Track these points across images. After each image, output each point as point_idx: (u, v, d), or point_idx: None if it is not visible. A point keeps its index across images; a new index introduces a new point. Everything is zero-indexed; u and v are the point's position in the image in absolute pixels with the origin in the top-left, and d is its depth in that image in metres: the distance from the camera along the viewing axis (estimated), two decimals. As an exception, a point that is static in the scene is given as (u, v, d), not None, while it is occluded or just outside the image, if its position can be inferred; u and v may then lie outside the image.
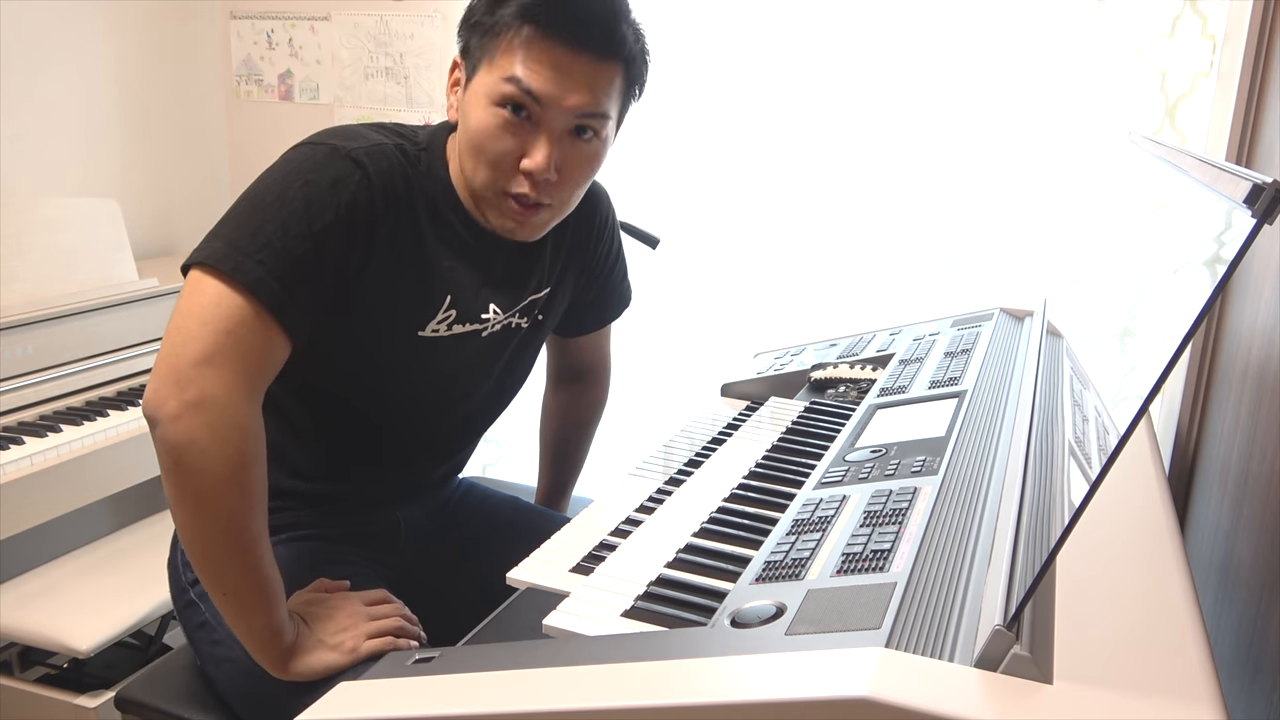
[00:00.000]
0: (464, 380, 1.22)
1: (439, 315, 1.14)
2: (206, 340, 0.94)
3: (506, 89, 1.04)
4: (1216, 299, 0.86)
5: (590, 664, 0.72)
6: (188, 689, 1.20)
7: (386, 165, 1.07)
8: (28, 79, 2.19)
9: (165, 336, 0.96)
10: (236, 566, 0.97)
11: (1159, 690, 0.63)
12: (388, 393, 1.17)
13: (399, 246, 1.08)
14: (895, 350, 1.50)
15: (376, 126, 1.13)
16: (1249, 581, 1.25)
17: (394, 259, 1.08)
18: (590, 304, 1.41)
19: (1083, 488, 0.81)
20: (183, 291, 0.98)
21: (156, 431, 0.94)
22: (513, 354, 1.26)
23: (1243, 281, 1.55)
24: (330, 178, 1.02)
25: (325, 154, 1.04)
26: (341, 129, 1.10)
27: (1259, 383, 1.37)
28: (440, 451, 1.29)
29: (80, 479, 1.75)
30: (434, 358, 1.16)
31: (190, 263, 0.99)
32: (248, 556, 0.97)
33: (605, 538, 1.01)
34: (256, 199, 1.02)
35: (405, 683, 0.77)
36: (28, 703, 1.65)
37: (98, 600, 1.69)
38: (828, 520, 0.90)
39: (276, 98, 2.66)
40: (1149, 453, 1.12)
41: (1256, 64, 1.68)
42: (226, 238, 0.99)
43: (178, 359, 0.94)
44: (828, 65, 2.11)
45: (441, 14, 2.43)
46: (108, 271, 2.06)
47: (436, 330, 1.15)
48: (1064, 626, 0.69)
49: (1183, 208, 1.03)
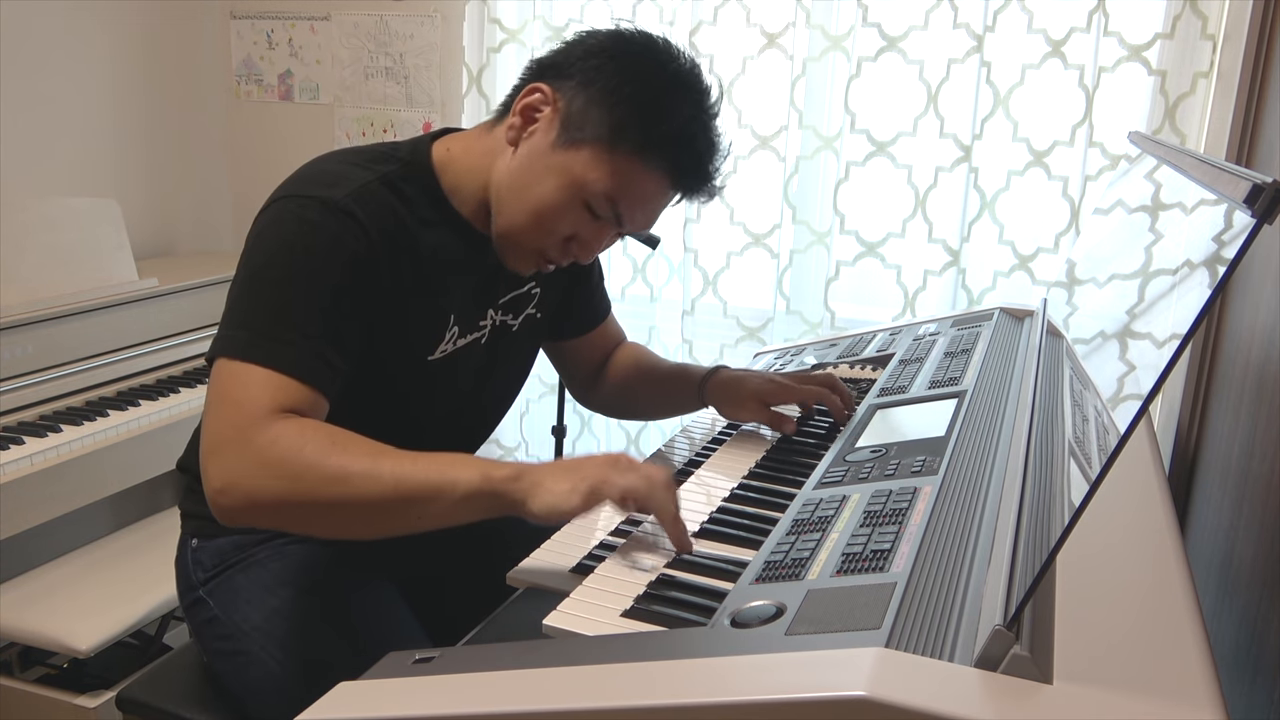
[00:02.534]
0: (469, 391, 1.22)
1: (445, 336, 1.14)
2: (247, 413, 0.94)
3: (599, 203, 1.05)
4: (1216, 299, 0.86)
5: (590, 664, 0.72)
6: (189, 689, 1.20)
7: (376, 206, 1.04)
8: (28, 79, 2.19)
9: (205, 422, 0.96)
10: (384, 506, 0.93)
11: (1159, 690, 0.63)
12: (398, 413, 1.16)
13: (403, 282, 1.08)
14: (895, 350, 1.50)
15: (355, 157, 1.10)
16: (1249, 581, 1.25)
17: (399, 295, 1.08)
18: (593, 292, 1.41)
19: (1083, 488, 0.81)
20: (216, 381, 0.97)
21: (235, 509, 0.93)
22: (512, 355, 1.26)
23: (1243, 281, 1.55)
24: (328, 237, 1.01)
25: (317, 211, 1.01)
26: (320, 172, 1.07)
27: (1259, 383, 1.37)
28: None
29: (80, 479, 1.76)
30: (441, 377, 1.16)
31: (216, 354, 0.98)
32: (378, 489, 0.92)
33: (605, 538, 1.01)
34: (263, 277, 1.01)
35: (405, 683, 0.77)
36: (28, 703, 1.65)
37: (98, 600, 1.69)
38: (828, 520, 0.90)
39: (276, 98, 2.66)
40: (1149, 453, 1.12)
41: (1256, 64, 1.68)
42: (249, 326, 0.98)
43: (233, 430, 0.93)
44: (828, 62, 2.12)
45: (441, 14, 2.44)
46: (108, 271, 2.06)
47: (445, 350, 1.15)
48: (1064, 626, 0.68)
49: (1183, 208, 1.03)
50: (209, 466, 0.93)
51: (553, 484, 0.91)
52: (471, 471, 0.92)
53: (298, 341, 0.97)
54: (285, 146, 2.66)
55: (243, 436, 0.92)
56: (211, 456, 0.94)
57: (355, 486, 0.91)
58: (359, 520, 0.95)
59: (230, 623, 1.13)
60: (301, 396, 0.97)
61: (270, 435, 0.92)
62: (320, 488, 0.92)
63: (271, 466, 0.91)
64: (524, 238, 1.09)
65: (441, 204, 1.12)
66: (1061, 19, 1.93)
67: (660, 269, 2.37)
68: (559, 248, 1.10)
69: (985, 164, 2.03)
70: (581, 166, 1.04)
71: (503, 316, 1.23)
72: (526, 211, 1.07)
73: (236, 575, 1.16)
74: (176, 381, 2.08)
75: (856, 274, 2.19)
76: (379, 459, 0.93)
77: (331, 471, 0.91)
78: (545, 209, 1.06)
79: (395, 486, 0.92)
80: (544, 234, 1.08)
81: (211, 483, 0.93)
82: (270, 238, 1.02)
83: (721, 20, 2.16)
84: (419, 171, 1.11)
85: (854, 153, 2.11)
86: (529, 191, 1.06)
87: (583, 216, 1.06)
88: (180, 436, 1.30)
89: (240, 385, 0.96)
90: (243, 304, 1.00)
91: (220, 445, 0.93)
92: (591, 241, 1.10)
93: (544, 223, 1.07)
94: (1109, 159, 1.96)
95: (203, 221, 2.73)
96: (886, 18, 2.03)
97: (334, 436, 0.94)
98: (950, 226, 2.07)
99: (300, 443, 0.92)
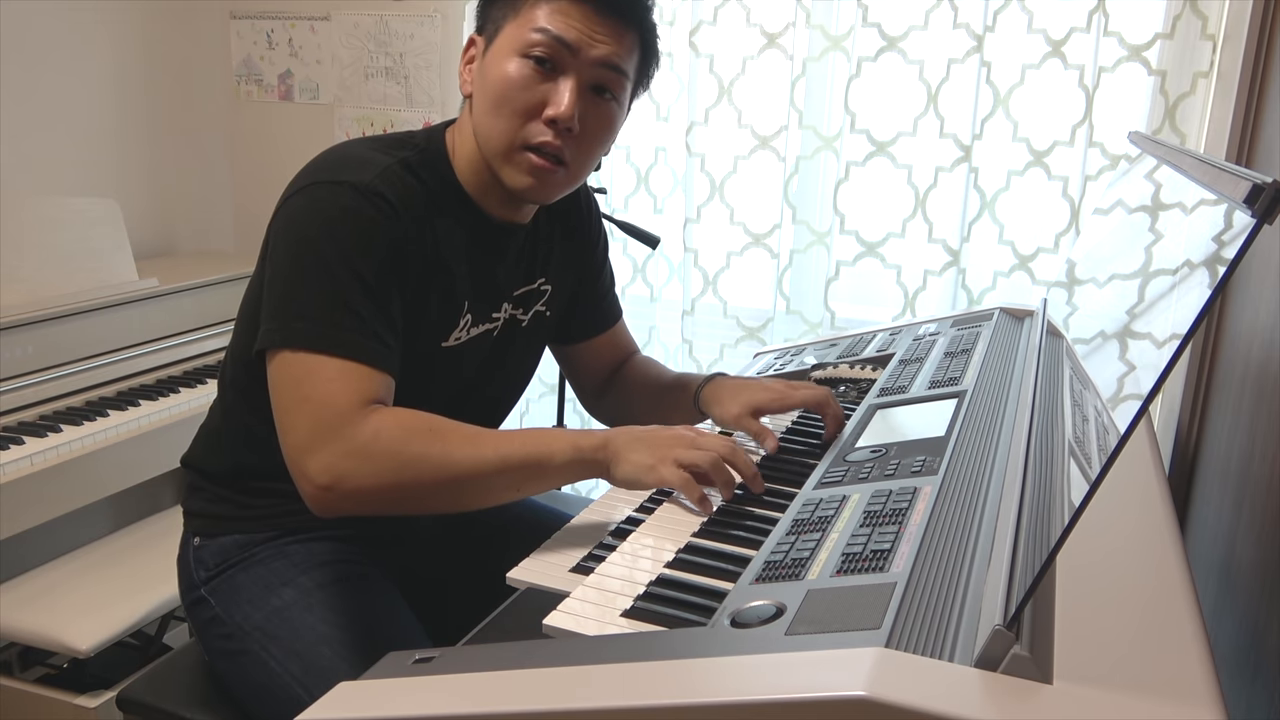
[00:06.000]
0: (478, 382, 1.23)
1: (459, 324, 1.15)
2: (338, 409, 0.97)
3: (534, 38, 1.05)
4: (1216, 299, 0.86)
5: (590, 664, 0.71)
6: (190, 689, 1.20)
7: (401, 187, 1.07)
8: (28, 79, 2.19)
9: (290, 418, 0.98)
10: (486, 483, 1.00)
11: (1159, 690, 0.63)
12: (408, 402, 1.17)
13: (426, 266, 1.10)
14: (895, 350, 1.50)
15: (373, 144, 1.12)
16: (1249, 581, 1.25)
17: (424, 278, 1.10)
18: (603, 297, 1.41)
19: (1083, 488, 0.81)
20: (287, 375, 0.99)
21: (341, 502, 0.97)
22: (520, 350, 1.27)
23: (1243, 281, 1.55)
24: (366, 220, 1.03)
25: (350, 195, 1.03)
26: (345, 157, 1.09)
27: (1259, 383, 1.37)
28: None
29: (80, 479, 1.76)
30: (454, 365, 1.17)
31: (277, 346, 1.00)
32: (482, 469, 0.99)
33: (605, 538, 1.01)
34: (308, 264, 1.02)
35: (405, 683, 0.77)
36: (28, 703, 1.65)
37: (98, 600, 1.69)
38: (828, 520, 0.90)
39: (276, 97, 2.66)
40: (1149, 453, 1.12)
41: (1256, 64, 1.68)
42: (305, 315, 1.00)
43: (328, 428, 0.96)
44: (828, 62, 2.12)
45: (441, 14, 2.44)
46: (108, 271, 2.06)
47: (459, 339, 1.16)
48: (1064, 626, 0.68)
49: (1183, 208, 1.03)
50: (308, 464, 0.96)
51: (633, 455, 1.01)
52: (563, 443, 1.01)
53: (358, 327, 1.00)
54: (285, 146, 2.66)
55: (339, 434, 0.95)
56: (308, 455, 0.96)
57: (461, 468, 0.98)
58: (463, 497, 1.01)
59: (231, 622, 1.14)
60: (379, 382, 1.00)
61: (370, 429, 0.96)
62: (430, 475, 0.97)
63: (378, 460, 0.96)
64: (501, 136, 1.08)
65: (457, 190, 1.14)
66: (1061, 19, 1.92)
67: (660, 269, 2.37)
68: (536, 128, 1.08)
69: (985, 164, 2.03)
70: (507, 43, 1.07)
71: (515, 311, 1.24)
72: (492, 107, 1.08)
73: (238, 574, 1.17)
74: (176, 381, 2.08)
75: (856, 274, 2.19)
76: (480, 442, 1.00)
77: (437, 457, 0.97)
78: (502, 87, 1.07)
79: (500, 465, 0.99)
80: (512, 116, 1.07)
81: (316, 480, 0.96)
82: (308, 224, 1.03)
83: (721, 20, 2.16)
84: (434, 158, 1.13)
85: (854, 153, 2.11)
86: (488, 92, 1.08)
87: (535, 74, 1.06)
88: (180, 436, 1.30)
89: (319, 379, 0.98)
90: (293, 293, 1.01)
91: (317, 443, 0.96)
92: (556, 96, 1.07)
93: (507, 102, 1.07)
94: (1109, 159, 1.96)
95: (203, 221, 2.73)
96: (886, 18, 2.03)
97: (431, 424, 1.00)
98: (950, 226, 2.07)
99: (403, 434, 0.97)
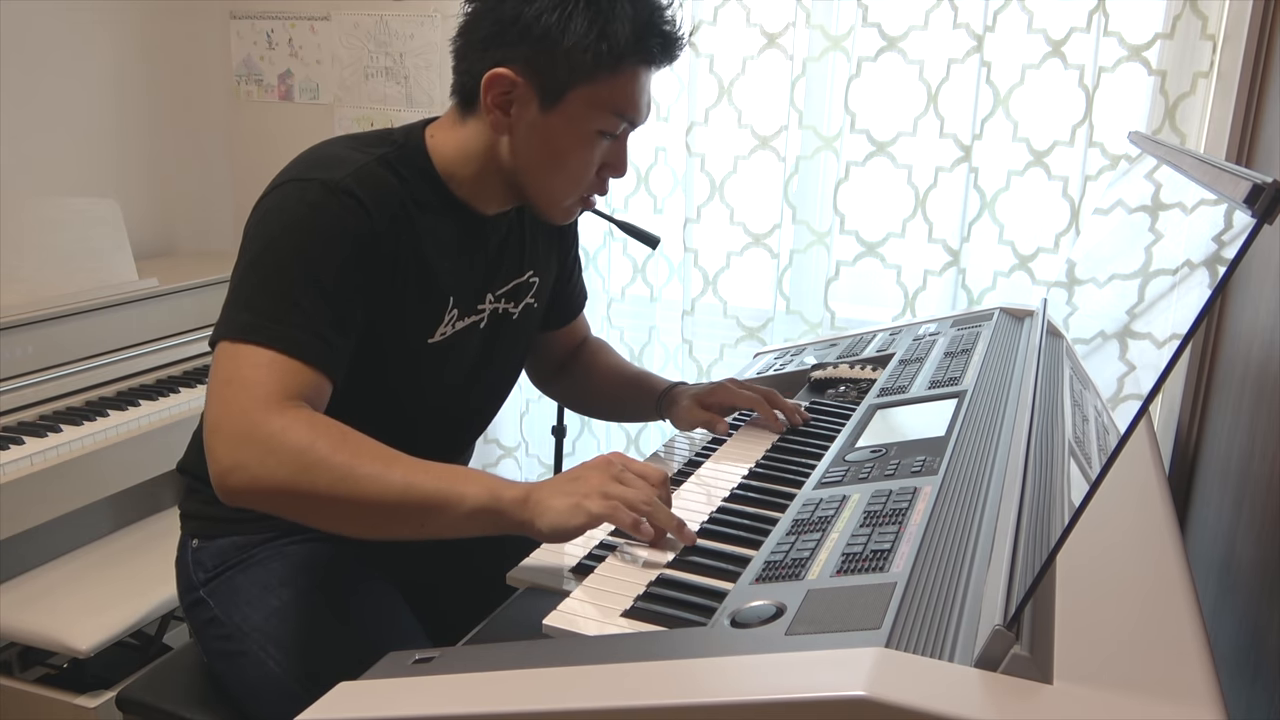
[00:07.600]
0: (467, 377, 1.22)
1: (445, 319, 1.15)
2: (254, 396, 0.94)
3: (609, 124, 1.09)
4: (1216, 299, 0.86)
5: (590, 664, 0.72)
6: (189, 689, 1.20)
7: (375, 186, 1.06)
8: (28, 79, 2.19)
9: (210, 401, 0.96)
10: (388, 510, 0.93)
11: (1159, 690, 0.63)
12: (396, 400, 1.17)
13: (403, 263, 1.09)
14: (895, 350, 1.50)
15: (352, 142, 1.13)
16: (1249, 581, 1.25)
17: (400, 276, 1.09)
18: (575, 283, 1.45)
19: (1083, 488, 0.81)
20: (221, 363, 0.97)
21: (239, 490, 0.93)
22: (507, 343, 1.27)
23: (1243, 281, 1.55)
24: (330, 218, 1.02)
25: (318, 193, 1.02)
26: (321, 155, 1.08)
27: (1259, 383, 1.37)
28: (443, 451, 1.30)
29: (80, 479, 1.76)
30: (440, 360, 1.17)
31: (219, 337, 0.99)
32: (385, 493, 0.92)
33: (605, 538, 1.01)
34: (265, 260, 1.01)
35: (405, 683, 0.77)
36: (28, 703, 1.65)
37: (98, 600, 1.69)
38: (828, 520, 0.90)
39: (276, 97, 2.65)
40: (1149, 453, 1.12)
41: (1256, 64, 1.68)
42: (252, 308, 0.99)
43: (240, 413, 0.93)
44: (827, 62, 2.12)
45: (441, 14, 2.43)
46: (108, 271, 2.06)
47: (444, 334, 1.15)
48: (1064, 626, 0.68)
49: (1183, 208, 1.03)
50: (215, 445, 0.93)
51: (554, 501, 0.92)
52: (480, 488, 0.93)
53: (301, 323, 0.98)
54: (285, 146, 2.63)
55: (251, 420, 0.93)
56: (217, 436, 0.93)
57: (363, 487, 0.92)
58: (362, 520, 0.95)
59: (230, 623, 1.14)
60: (306, 379, 0.98)
61: (279, 423, 0.92)
62: (328, 483, 0.91)
63: (280, 454, 0.91)
64: (566, 195, 1.14)
65: (438, 186, 1.13)
66: (1061, 19, 1.92)
67: (660, 269, 2.37)
68: (595, 182, 1.15)
69: (985, 164, 2.03)
70: (579, 111, 1.07)
71: (505, 305, 1.24)
72: (557, 175, 1.12)
73: (237, 575, 1.16)
74: (176, 381, 2.08)
75: (856, 274, 2.19)
76: (390, 464, 0.93)
77: (341, 468, 0.91)
78: (572, 163, 1.11)
79: (403, 492, 0.92)
80: (581, 182, 1.13)
81: (219, 461, 0.93)
82: (272, 221, 1.03)
83: (721, 20, 2.16)
84: (414, 154, 1.13)
85: (854, 153, 2.11)
86: (549, 160, 1.11)
87: (601, 145, 1.11)
88: (180, 437, 1.30)
89: (246, 367, 0.96)
90: (246, 287, 1.01)
91: (227, 426, 0.93)
92: (619, 159, 1.15)
93: (577, 172, 1.12)
94: (1109, 159, 1.96)
95: (202, 221, 2.72)
96: (886, 18, 2.03)
97: (346, 435, 0.95)
98: (950, 226, 2.07)
99: (312, 436, 0.92)
